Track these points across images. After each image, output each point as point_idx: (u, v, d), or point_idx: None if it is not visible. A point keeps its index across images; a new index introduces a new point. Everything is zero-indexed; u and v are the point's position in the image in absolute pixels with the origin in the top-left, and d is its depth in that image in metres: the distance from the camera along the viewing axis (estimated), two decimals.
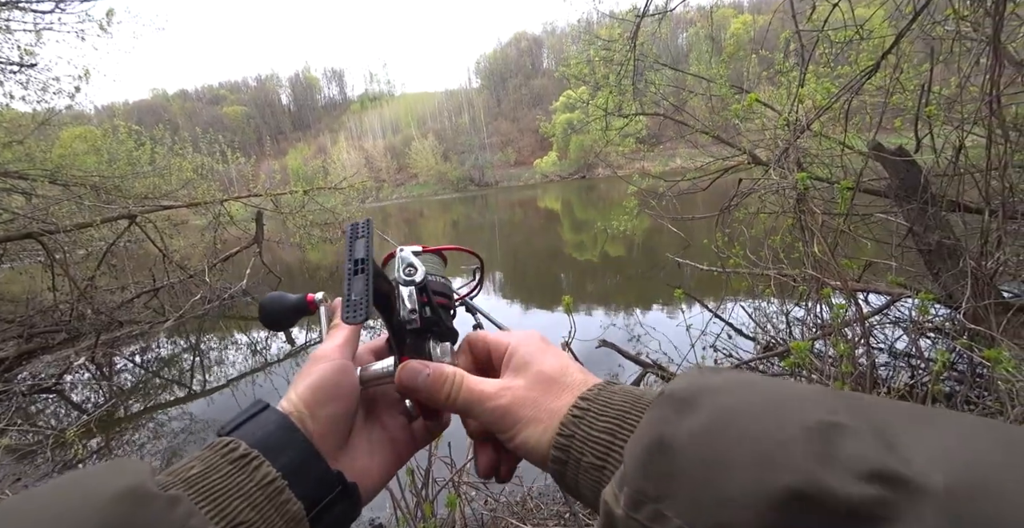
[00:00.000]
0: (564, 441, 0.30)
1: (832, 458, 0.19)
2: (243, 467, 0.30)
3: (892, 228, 2.58)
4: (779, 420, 0.21)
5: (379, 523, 1.92)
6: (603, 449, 0.29)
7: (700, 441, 0.22)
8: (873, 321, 2.58)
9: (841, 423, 0.20)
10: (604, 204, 17.35)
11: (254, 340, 5.63)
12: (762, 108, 3.49)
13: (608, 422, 0.29)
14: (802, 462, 0.19)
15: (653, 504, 0.22)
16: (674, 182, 4.20)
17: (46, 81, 5.77)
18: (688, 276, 4.56)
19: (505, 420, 0.34)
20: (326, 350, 0.39)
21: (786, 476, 0.19)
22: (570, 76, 5.37)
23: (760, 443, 0.21)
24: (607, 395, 0.31)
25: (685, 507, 0.21)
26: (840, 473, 0.18)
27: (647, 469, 0.23)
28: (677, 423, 0.23)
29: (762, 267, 2.59)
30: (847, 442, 0.19)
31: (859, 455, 0.19)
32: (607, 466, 0.28)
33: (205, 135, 9.47)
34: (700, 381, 0.26)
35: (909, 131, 2.58)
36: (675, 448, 0.22)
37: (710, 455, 0.21)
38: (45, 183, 5.64)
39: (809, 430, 0.20)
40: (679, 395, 0.25)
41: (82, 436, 3.20)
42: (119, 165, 7.07)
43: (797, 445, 0.20)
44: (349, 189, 8.36)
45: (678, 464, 0.22)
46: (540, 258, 9.39)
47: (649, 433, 0.24)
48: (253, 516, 0.28)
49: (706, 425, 0.22)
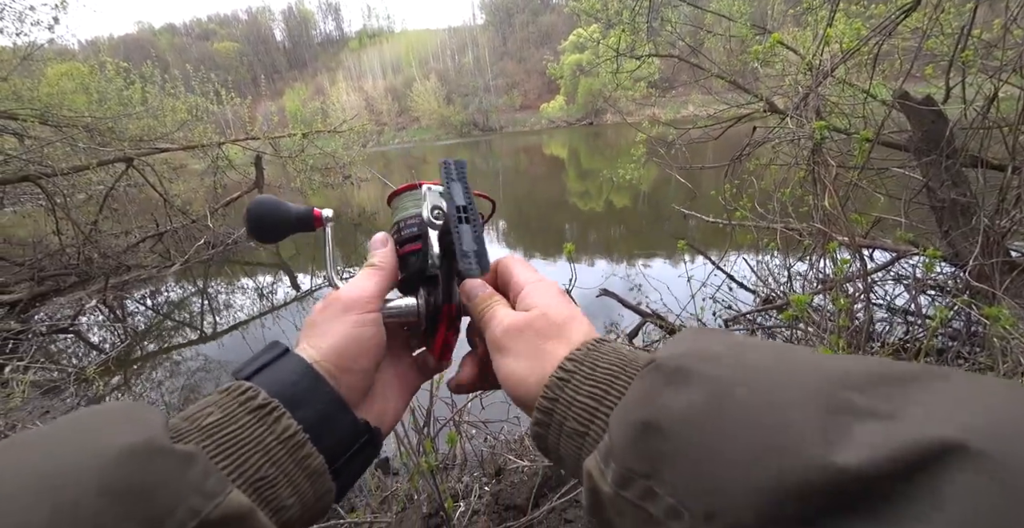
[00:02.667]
0: (547, 404, 0.29)
1: (842, 438, 0.17)
2: (262, 418, 0.28)
3: (906, 183, 2.50)
4: (781, 396, 0.20)
5: (385, 456, 2.06)
6: (587, 415, 0.28)
7: (693, 420, 0.21)
8: (875, 277, 2.58)
9: (850, 399, 0.19)
10: (611, 152, 16.83)
11: (260, 284, 5.74)
12: (784, 51, 3.27)
13: (593, 387, 0.28)
14: (809, 446, 0.18)
15: (644, 480, 0.21)
16: (685, 130, 4.03)
17: (22, 11, 5.43)
18: (693, 228, 4.52)
19: (502, 343, 0.34)
20: (359, 297, 0.36)
21: (789, 462, 0.18)
22: (581, 12, 5.00)
23: (760, 424, 0.19)
24: (595, 356, 0.30)
25: (678, 487, 0.20)
26: (854, 453, 0.17)
27: (637, 447, 0.22)
28: (668, 399, 0.22)
29: (769, 220, 2.55)
30: (857, 419, 0.18)
31: (869, 437, 0.17)
32: (589, 433, 0.27)
33: (197, 73, 9.04)
34: (695, 348, 0.24)
35: (939, 80, 2.42)
36: (666, 428, 0.21)
37: (704, 436, 0.20)
38: (36, 124, 5.47)
39: (815, 409, 0.19)
40: (671, 365, 0.23)
41: (102, 374, 3.35)
42: (110, 105, 6.83)
43: (802, 427, 0.18)
44: (349, 132, 8.10)
45: (670, 444, 0.21)
46: (544, 207, 9.28)
47: (638, 410, 0.23)
48: (273, 472, 0.27)
49: (700, 402, 0.21)
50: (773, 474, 0.18)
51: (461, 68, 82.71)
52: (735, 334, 0.28)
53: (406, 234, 0.41)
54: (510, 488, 1.35)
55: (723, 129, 3.83)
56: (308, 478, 0.28)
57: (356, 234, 8.04)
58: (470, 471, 1.63)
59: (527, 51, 79.18)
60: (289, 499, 0.27)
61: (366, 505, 1.65)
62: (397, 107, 78.72)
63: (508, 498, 1.32)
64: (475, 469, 1.63)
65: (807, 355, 0.22)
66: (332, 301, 0.36)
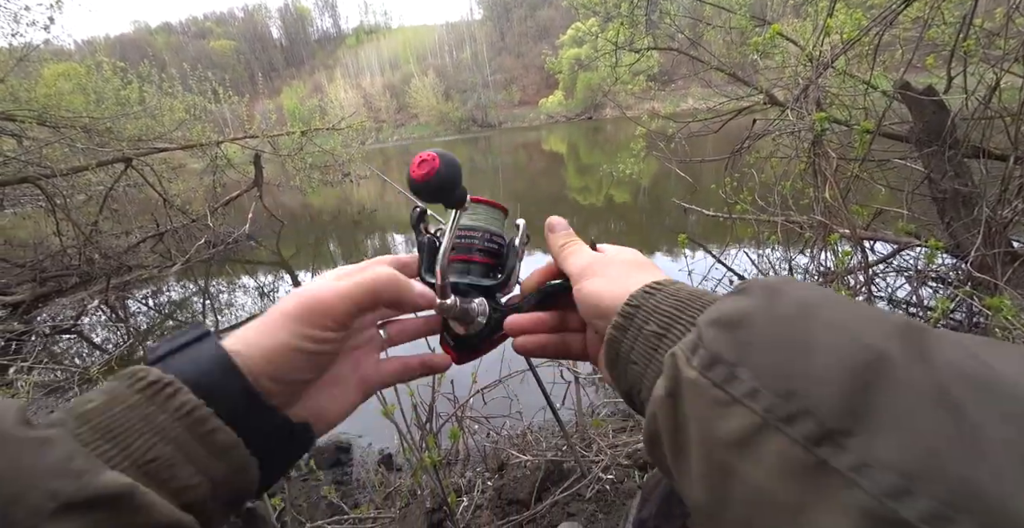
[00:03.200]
0: (630, 309, 0.31)
1: (924, 352, 0.19)
2: (152, 396, 0.25)
3: (908, 175, 2.49)
4: (867, 314, 0.21)
5: (388, 453, 2.07)
6: (668, 320, 0.29)
7: (786, 319, 0.22)
8: (877, 269, 2.58)
9: (927, 329, 0.20)
10: (611, 146, 16.78)
11: (261, 283, 5.74)
12: (784, 43, 3.24)
13: (677, 300, 0.30)
14: (894, 345, 0.19)
15: (728, 366, 0.22)
16: (685, 123, 4.01)
17: (17, 12, 5.40)
18: (693, 222, 4.51)
19: (586, 269, 0.37)
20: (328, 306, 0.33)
21: (873, 352, 0.19)
22: (579, 5, 4.97)
23: (847, 326, 0.21)
24: (679, 285, 0.32)
25: (761, 371, 0.21)
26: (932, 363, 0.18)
27: (726, 335, 0.23)
28: (764, 302, 0.23)
29: (770, 213, 2.54)
30: (937, 344, 0.19)
31: (950, 357, 0.18)
32: (668, 335, 0.29)
33: (194, 72, 8.99)
34: (788, 279, 0.26)
35: (941, 70, 2.40)
36: (759, 322, 0.22)
37: (795, 331, 0.21)
38: (34, 125, 5.46)
39: (899, 326, 0.20)
40: (768, 284, 0.25)
41: (105, 374, 3.36)
42: (108, 105, 6.81)
43: (888, 334, 0.20)
44: (348, 130, 8.07)
45: (761, 335, 0.22)
46: (544, 202, 9.26)
47: (732, 307, 0.24)
48: (169, 451, 0.25)
49: (793, 308, 0.22)
50: (855, 361, 0.19)
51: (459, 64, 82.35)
52: None
53: (485, 246, 0.44)
54: (513, 483, 1.36)
55: (723, 122, 3.81)
56: (216, 455, 0.26)
57: (355, 232, 8.04)
58: (473, 466, 1.63)
59: (525, 46, 78.78)
60: (194, 479, 0.26)
61: (370, 501, 1.66)
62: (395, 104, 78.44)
63: (511, 492, 1.33)
64: (478, 464, 1.64)
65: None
66: (294, 295, 0.33)
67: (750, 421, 0.20)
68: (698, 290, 0.31)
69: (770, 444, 0.19)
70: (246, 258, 6.73)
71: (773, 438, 0.19)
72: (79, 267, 5.46)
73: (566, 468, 1.36)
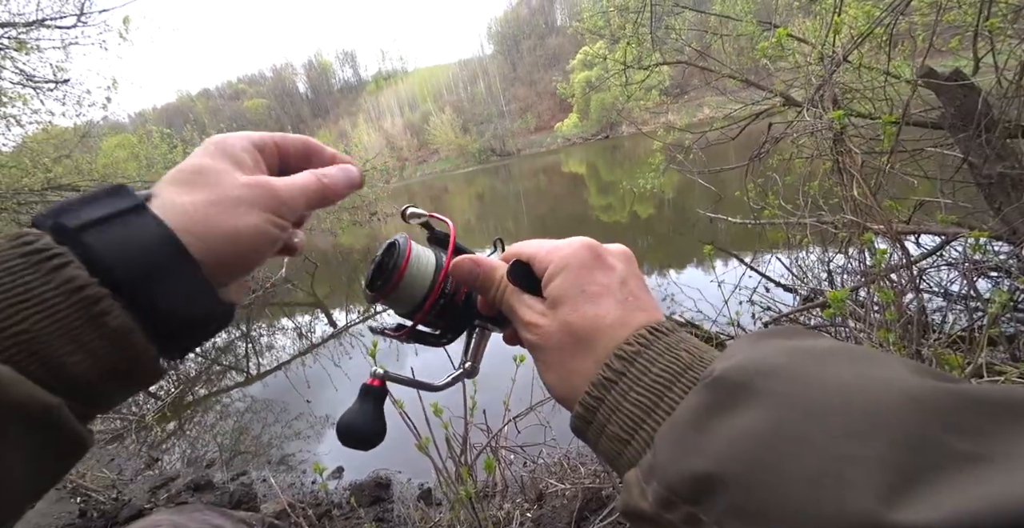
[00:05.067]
0: (592, 402, 0.27)
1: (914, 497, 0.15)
2: (36, 264, 0.22)
3: (947, 163, 2.36)
4: (854, 429, 0.18)
5: (427, 487, 2.04)
6: (631, 424, 0.26)
7: (750, 447, 0.19)
8: (925, 264, 2.42)
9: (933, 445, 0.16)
10: (630, 163, 16.76)
11: (299, 324, 5.93)
12: (794, 44, 3.21)
13: (643, 395, 0.26)
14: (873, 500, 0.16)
15: (688, 506, 0.20)
16: (701, 133, 3.98)
17: (80, 95, 6.02)
18: (722, 231, 4.39)
19: (534, 353, 0.32)
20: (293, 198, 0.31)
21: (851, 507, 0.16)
22: (585, 31, 5.11)
23: (825, 462, 0.17)
24: (648, 359, 0.27)
25: (725, 517, 0.18)
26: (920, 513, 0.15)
27: (682, 467, 0.20)
28: (726, 416, 0.20)
29: (799, 216, 2.45)
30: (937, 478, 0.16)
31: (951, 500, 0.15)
32: (632, 442, 0.25)
33: (230, 130, 9.71)
34: (754, 359, 0.22)
35: (966, 51, 2.31)
36: (720, 450, 0.20)
37: (761, 464, 0.18)
38: None
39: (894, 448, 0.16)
40: (731, 380, 0.21)
41: (159, 420, 3.50)
42: (157, 168, 7.41)
43: (871, 472, 0.16)
44: (372, 171, 8.44)
45: (723, 468, 0.19)
46: (567, 223, 9.27)
47: (689, 423, 0.21)
48: (46, 325, 0.22)
49: (761, 422, 0.19)
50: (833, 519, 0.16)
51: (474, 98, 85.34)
52: (800, 335, 0.25)
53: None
54: (551, 513, 1.31)
55: (741, 128, 3.76)
56: (105, 338, 0.23)
57: None
58: (511, 498, 1.58)
59: (537, 74, 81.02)
60: (73, 356, 0.23)
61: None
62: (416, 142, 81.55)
63: (550, 523, 1.28)
64: (516, 495, 1.59)
65: (889, 361, 0.20)
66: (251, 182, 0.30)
67: None
68: (673, 359, 0.26)
69: None
70: (284, 301, 7.00)
71: None
72: None
73: (605, 495, 1.30)
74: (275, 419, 3.37)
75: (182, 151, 8.17)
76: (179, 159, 3.56)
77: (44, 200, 5.49)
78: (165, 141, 8.13)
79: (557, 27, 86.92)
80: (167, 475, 2.79)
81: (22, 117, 5.19)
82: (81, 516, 2.32)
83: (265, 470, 2.65)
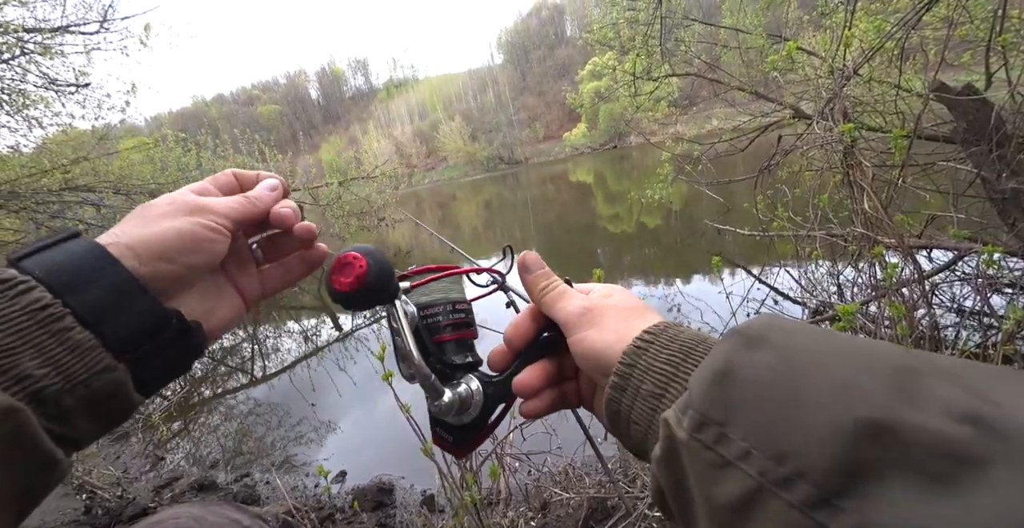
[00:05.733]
0: (625, 369, 0.30)
1: (917, 396, 0.18)
2: (2, 291, 0.25)
3: (960, 177, 2.34)
4: (854, 361, 0.21)
5: (430, 493, 2.03)
6: (664, 379, 0.29)
7: (771, 372, 0.22)
8: (937, 279, 2.39)
9: (921, 369, 0.19)
10: (638, 173, 16.79)
11: (305, 327, 5.96)
12: (804, 57, 3.22)
13: (672, 355, 0.29)
14: (882, 397, 0.18)
15: (718, 427, 0.22)
16: (710, 145, 3.99)
17: (100, 99, 6.16)
18: (730, 242, 4.37)
19: (581, 318, 0.35)
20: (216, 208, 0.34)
21: (863, 408, 0.18)
22: (594, 42, 5.16)
23: (834, 378, 0.20)
24: (673, 332, 0.31)
25: (751, 431, 0.20)
26: (926, 410, 0.17)
27: (713, 394, 0.23)
28: (747, 354, 0.23)
29: (808, 229, 2.44)
30: (932, 384, 0.19)
31: (946, 397, 0.18)
32: (666, 395, 0.29)
33: (243, 136, 9.85)
34: (772, 321, 0.25)
35: (978, 66, 2.31)
36: (743, 376, 0.22)
37: (780, 386, 0.21)
38: (110, 194, 6.10)
39: (889, 370, 0.19)
40: (750, 332, 0.24)
41: (165, 420, 3.52)
42: (171, 171, 7.54)
43: (876, 382, 0.19)
44: (382, 177, 8.51)
45: (746, 391, 0.22)
46: (575, 233, 9.27)
47: (717, 361, 0.24)
48: (10, 340, 0.24)
49: (777, 358, 0.22)
50: (844, 418, 0.18)
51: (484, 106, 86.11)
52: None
53: (452, 319, 0.39)
54: (556, 522, 1.30)
55: (750, 140, 3.76)
56: (69, 351, 0.25)
57: None
58: (515, 506, 1.57)
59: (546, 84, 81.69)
60: (39, 370, 0.24)
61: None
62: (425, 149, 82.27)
63: None
64: (520, 503, 1.57)
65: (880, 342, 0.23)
66: (177, 198, 0.34)
67: (746, 485, 0.20)
68: (696, 336, 0.30)
69: (769, 509, 0.19)
70: (290, 304, 7.04)
71: (771, 503, 0.19)
72: None
73: (610, 505, 1.29)
74: (279, 422, 3.37)
75: (195, 154, 8.29)
76: (192, 162, 3.68)
77: (61, 200, 5.59)
78: (180, 144, 8.26)
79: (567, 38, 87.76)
80: (172, 474, 2.80)
81: (43, 119, 5.31)
82: (86, 512, 2.33)
83: (268, 472, 2.66)
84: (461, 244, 0.36)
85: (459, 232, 12.71)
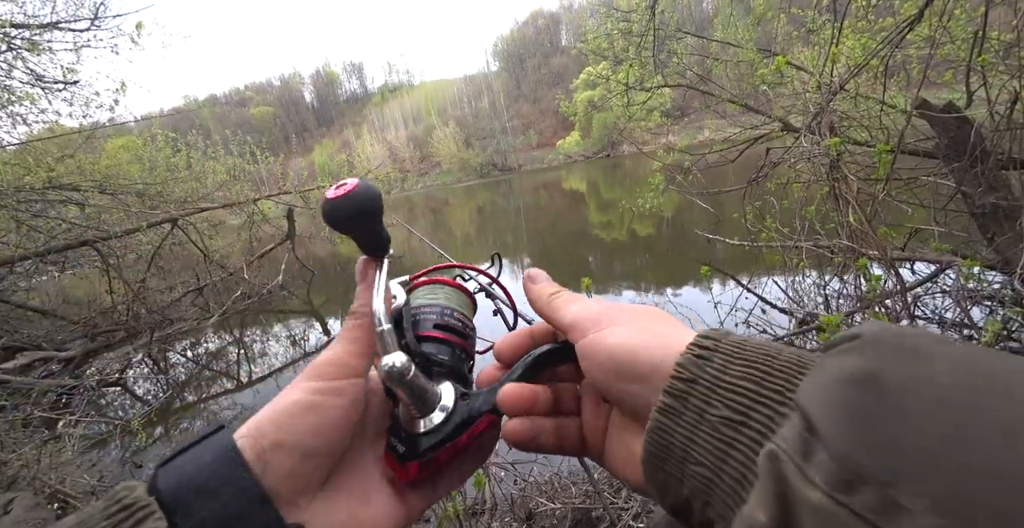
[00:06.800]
0: (683, 386, 0.22)
1: None
2: (118, 525, 0.23)
3: (942, 192, 2.40)
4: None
5: None
6: (745, 401, 0.21)
7: (949, 403, 0.15)
8: (920, 291, 2.44)
9: None
10: (630, 182, 16.95)
11: (293, 332, 5.89)
12: (793, 71, 3.29)
13: (749, 368, 0.21)
14: None
15: (880, 488, 0.14)
16: (701, 155, 4.04)
17: (88, 96, 6.08)
18: (719, 252, 4.42)
19: (601, 316, 0.29)
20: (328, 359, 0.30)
21: None
22: (589, 52, 5.22)
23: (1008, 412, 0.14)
24: (735, 338, 0.23)
25: (939, 496, 0.14)
26: None
27: (861, 430, 0.15)
28: (910, 369, 0.16)
29: (795, 240, 2.47)
30: None
31: None
32: (749, 422, 0.20)
33: (235, 137, 9.79)
34: (898, 328, 0.19)
35: (960, 84, 2.38)
36: (913, 406, 0.15)
37: (955, 420, 0.15)
38: (95, 193, 6.00)
39: None
40: (888, 340, 0.18)
41: (145, 425, 3.44)
42: (159, 172, 7.44)
43: None
44: (374, 181, 8.52)
45: (921, 431, 0.15)
46: (566, 240, 9.31)
47: (858, 370, 0.17)
48: None
49: (951, 380, 0.16)
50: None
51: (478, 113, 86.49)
52: None
53: (445, 321, 0.37)
54: None
55: (739, 152, 3.82)
56: None
57: None
58: (500, 516, 1.55)
59: (541, 92, 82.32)
60: None
61: None
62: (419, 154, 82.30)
63: None
64: (505, 513, 1.56)
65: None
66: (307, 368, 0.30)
67: None
68: (768, 343, 0.23)
69: None
70: (279, 308, 6.96)
71: None
72: (127, 322, 5.77)
73: (595, 516, 1.28)
74: None
75: (186, 155, 8.21)
76: (181, 162, 3.65)
77: (44, 198, 5.49)
78: (169, 144, 8.17)
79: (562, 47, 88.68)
80: None
81: (28, 116, 5.22)
82: None
83: None
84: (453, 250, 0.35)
85: (451, 237, 12.70)
